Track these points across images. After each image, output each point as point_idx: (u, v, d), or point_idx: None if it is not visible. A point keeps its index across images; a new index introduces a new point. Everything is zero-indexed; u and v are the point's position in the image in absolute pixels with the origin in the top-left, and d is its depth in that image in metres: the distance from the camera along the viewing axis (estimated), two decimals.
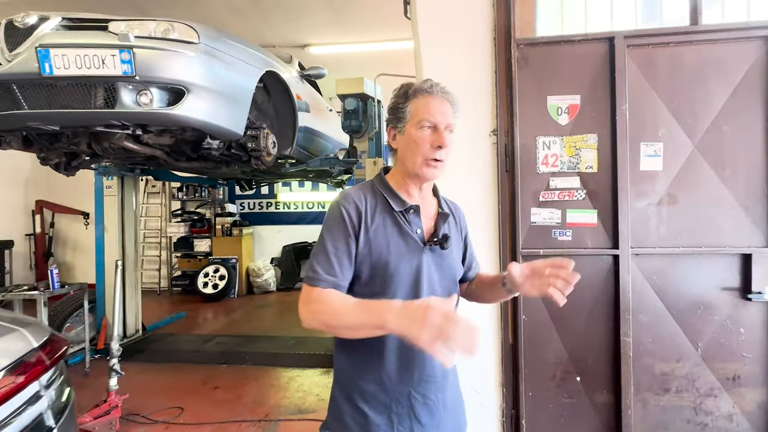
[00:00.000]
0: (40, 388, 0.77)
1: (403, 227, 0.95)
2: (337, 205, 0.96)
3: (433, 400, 0.94)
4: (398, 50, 4.68)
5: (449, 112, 0.96)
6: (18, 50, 1.65)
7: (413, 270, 0.93)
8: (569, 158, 1.95)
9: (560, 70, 1.95)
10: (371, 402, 0.92)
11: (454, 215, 1.09)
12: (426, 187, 1.02)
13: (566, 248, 1.94)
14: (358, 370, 0.94)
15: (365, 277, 0.93)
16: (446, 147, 0.93)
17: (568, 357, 1.96)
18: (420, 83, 0.97)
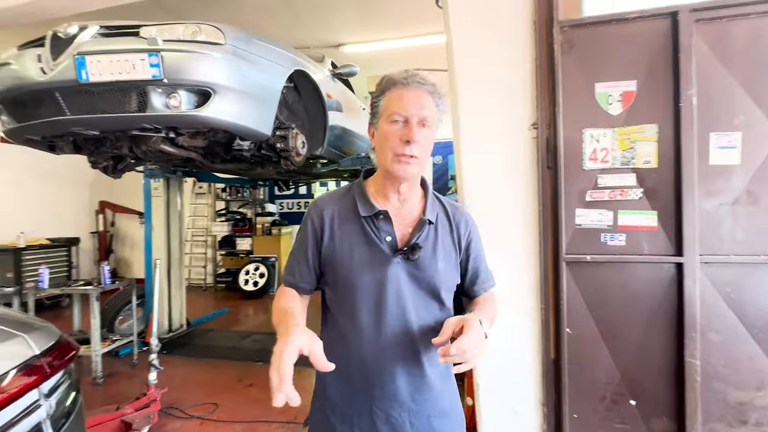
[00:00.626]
0: (39, 396, 0.75)
1: (370, 234, 0.89)
2: (307, 212, 0.96)
3: (397, 419, 0.88)
4: (432, 44, 4.53)
5: (427, 104, 0.87)
6: (60, 59, 1.74)
7: (377, 281, 0.87)
8: (622, 152, 1.72)
9: (611, 53, 1.73)
10: (336, 413, 0.91)
11: (451, 220, 0.97)
12: (406, 189, 0.92)
13: (618, 254, 1.71)
14: (328, 380, 0.92)
15: (332, 285, 0.91)
16: (416, 142, 0.84)
17: (620, 377, 1.74)
18: (396, 74, 0.90)
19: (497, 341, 1.89)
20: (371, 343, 0.88)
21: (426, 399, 0.91)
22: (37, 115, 1.88)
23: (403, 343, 0.88)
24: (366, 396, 0.88)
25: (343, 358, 0.86)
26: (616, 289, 1.72)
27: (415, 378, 0.89)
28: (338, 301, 0.91)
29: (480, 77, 1.86)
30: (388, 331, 0.87)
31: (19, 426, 0.69)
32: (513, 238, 1.85)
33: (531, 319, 1.84)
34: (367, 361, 0.88)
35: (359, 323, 0.88)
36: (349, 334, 0.89)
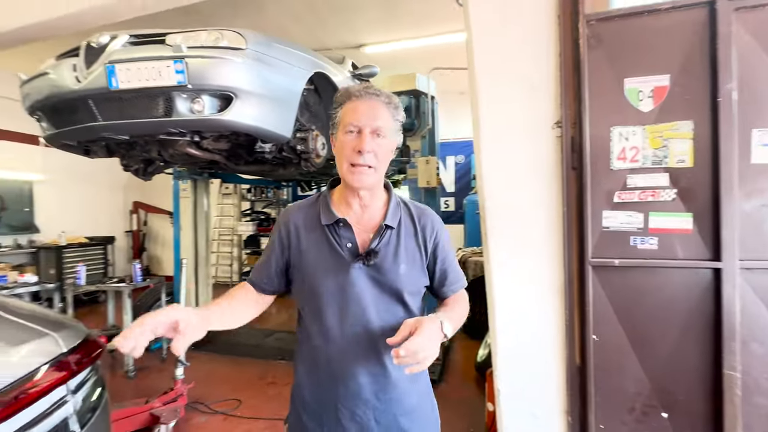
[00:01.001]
0: (66, 392, 0.79)
1: (332, 241, 0.93)
2: (277, 220, 1.03)
3: (361, 416, 0.92)
4: (453, 43, 4.46)
5: (381, 114, 0.90)
6: (92, 68, 1.82)
7: (339, 286, 0.91)
8: (654, 151, 1.63)
9: (642, 46, 1.64)
10: (308, 411, 0.96)
11: (416, 224, 0.99)
12: (367, 196, 0.95)
13: (649, 259, 1.63)
14: (301, 380, 0.98)
15: (300, 290, 0.96)
16: (367, 152, 0.87)
17: (650, 387, 1.65)
18: (352, 87, 0.94)
19: (519, 346, 1.84)
20: (335, 344, 0.92)
21: (391, 398, 0.94)
22: (72, 122, 1.99)
23: (365, 345, 0.92)
24: (332, 395, 0.93)
25: (312, 358, 0.95)
26: (647, 295, 1.64)
27: (378, 377, 0.93)
28: (306, 306, 0.95)
29: (501, 74, 1.82)
30: (350, 333, 0.91)
31: (47, 420, 0.73)
32: (535, 240, 1.79)
33: (554, 324, 1.78)
34: (332, 362, 0.92)
35: (324, 326, 0.92)
36: (315, 336, 0.94)
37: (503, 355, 1.84)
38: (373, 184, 0.94)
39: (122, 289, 3.37)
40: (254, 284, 1.00)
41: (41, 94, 1.97)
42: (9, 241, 5.77)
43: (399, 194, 1.05)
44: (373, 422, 0.92)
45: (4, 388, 0.65)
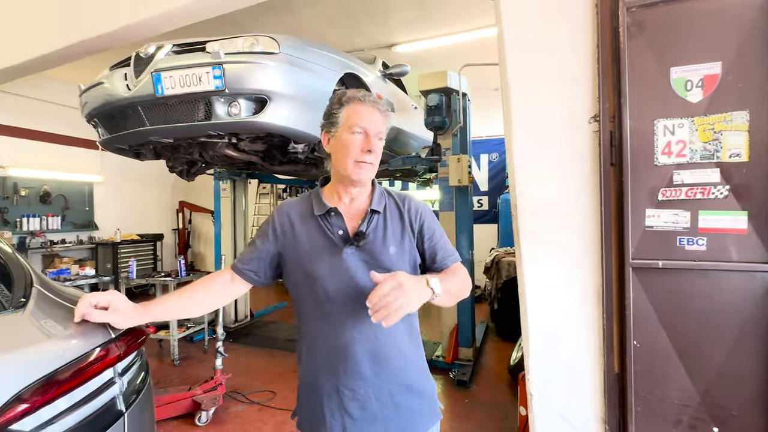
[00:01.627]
0: (114, 375, 0.86)
1: (324, 229, 1.00)
2: (271, 213, 1.09)
3: (362, 395, 0.96)
4: (486, 38, 4.37)
5: (379, 120, 0.99)
6: (141, 77, 1.96)
7: (334, 269, 0.96)
8: (703, 145, 1.52)
9: (690, 32, 1.53)
10: (311, 395, 1.00)
11: (401, 208, 1.06)
12: (357, 191, 1.03)
13: (698, 260, 1.51)
14: (302, 367, 1.03)
15: (295, 277, 1.01)
16: (375, 152, 0.98)
17: (700, 400, 1.53)
18: (353, 92, 1.02)
19: (552, 349, 1.77)
20: (333, 327, 0.96)
21: (388, 375, 0.98)
22: (124, 127, 2.15)
23: (361, 325, 0.96)
24: (332, 377, 0.97)
25: (311, 344, 1.00)
26: (696, 299, 1.52)
27: (376, 356, 0.97)
28: (303, 292, 1.00)
29: (533, 67, 1.76)
30: (347, 315, 0.96)
31: (97, 399, 0.80)
32: (570, 240, 1.72)
33: (590, 328, 1.70)
34: (331, 345, 0.96)
35: (321, 310, 0.98)
36: (314, 322, 0.99)
37: (536, 359, 1.79)
38: (370, 179, 1.03)
39: (168, 283, 3.61)
40: (240, 272, 1.04)
41: (97, 102, 2.16)
42: (72, 238, 6.33)
43: (384, 186, 1.13)
44: (373, 399, 0.96)
45: (62, 366, 0.73)
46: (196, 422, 2.49)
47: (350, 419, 0.95)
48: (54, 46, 3.46)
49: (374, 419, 0.96)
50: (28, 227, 5.69)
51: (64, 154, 6.40)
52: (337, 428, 0.95)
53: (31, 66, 3.80)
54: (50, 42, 3.47)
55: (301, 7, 3.96)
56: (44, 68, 3.91)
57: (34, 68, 3.87)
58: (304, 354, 1.03)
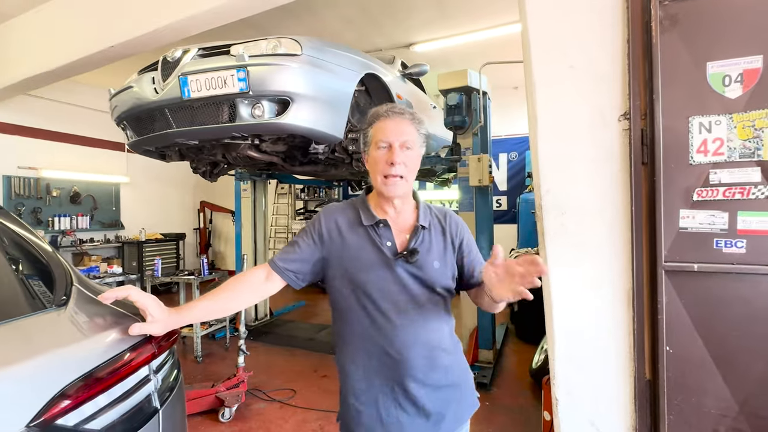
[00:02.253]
0: (149, 372, 0.88)
1: (374, 240, 1.03)
2: (317, 216, 1.10)
3: (415, 394, 1.00)
4: (506, 36, 4.30)
5: (406, 129, 1.01)
6: (168, 80, 2.01)
7: (384, 280, 1.00)
8: (743, 143, 1.45)
9: (728, 25, 1.46)
10: (361, 398, 1.02)
11: (443, 224, 1.11)
12: (400, 203, 1.06)
13: (737, 264, 1.44)
14: (351, 371, 1.04)
15: (342, 284, 1.03)
16: (399, 163, 0.98)
17: (738, 409, 1.46)
18: (380, 108, 1.06)
19: (579, 354, 1.73)
20: (385, 333, 1.01)
21: (437, 374, 1.04)
22: (152, 129, 2.21)
23: (414, 330, 1.02)
24: (387, 377, 1.01)
25: (364, 349, 1.02)
26: (734, 304, 1.46)
27: (427, 358, 1.03)
28: (349, 299, 1.03)
29: (559, 64, 1.71)
30: (399, 322, 1.01)
31: (133, 396, 0.82)
32: (599, 242, 1.67)
33: (619, 332, 1.64)
34: (385, 349, 1.01)
35: (371, 317, 1.01)
36: (362, 328, 1.02)
37: (562, 364, 1.74)
38: (405, 192, 1.05)
39: (192, 281, 3.70)
40: (281, 271, 1.04)
41: (126, 106, 2.22)
42: (99, 237, 6.56)
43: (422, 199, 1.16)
44: (424, 396, 1.01)
45: (102, 363, 0.75)
46: (219, 418, 2.54)
47: (405, 415, 1.00)
48: (85, 52, 3.60)
49: (427, 414, 1.02)
50: (60, 226, 5.93)
51: (92, 156, 6.64)
52: (393, 423, 1.00)
53: (64, 71, 3.96)
54: (81, 48, 3.61)
55: (321, 8, 3.99)
56: (75, 73, 4.07)
57: (67, 74, 4.04)
58: (351, 358, 1.04)
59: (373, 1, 3.92)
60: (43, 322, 0.75)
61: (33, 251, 0.96)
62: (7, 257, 0.90)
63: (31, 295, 0.86)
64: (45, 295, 0.86)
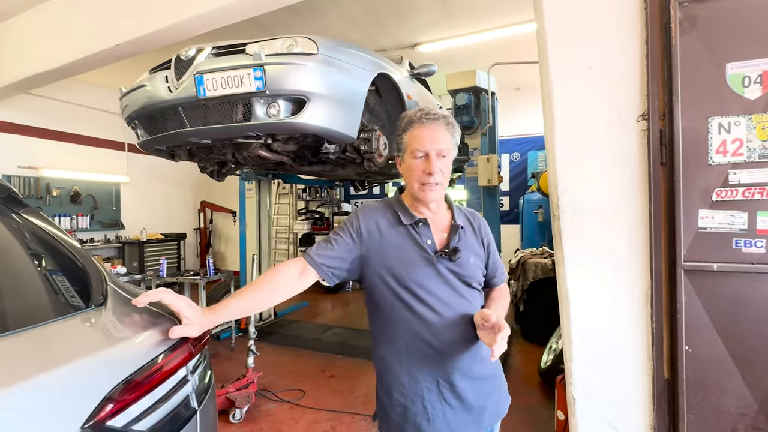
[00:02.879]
0: (186, 373, 0.87)
1: (415, 238, 1.06)
2: (354, 214, 1.11)
3: (459, 387, 1.03)
4: (511, 36, 4.31)
5: (441, 137, 1.04)
6: (182, 79, 2.00)
7: (429, 278, 1.03)
8: (762, 143, 1.46)
9: (747, 27, 1.47)
10: (406, 394, 1.04)
11: (473, 224, 1.17)
12: (434, 206, 1.11)
13: (756, 263, 1.46)
14: (394, 367, 1.06)
15: (386, 281, 1.04)
16: (435, 173, 1.02)
17: (758, 408, 1.47)
18: (412, 113, 1.07)
19: (597, 354, 1.73)
20: (430, 329, 1.03)
21: (478, 365, 1.07)
22: (165, 128, 2.19)
23: (458, 325, 1.04)
24: (432, 372, 1.03)
25: (408, 344, 1.03)
26: (754, 304, 1.47)
27: (470, 353, 1.05)
28: (391, 297, 1.04)
29: (577, 64, 1.72)
30: (444, 317, 1.03)
31: (174, 397, 0.81)
32: (617, 241, 1.68)
33: (638, 331, 1.65)
34: (430, 344, 1.03)
35: (418, 312, 1.03)
36: (406, 325, 1.04)
37: (579, 363, 1.75)
38: (440, 197, 1.10)
39: (198, 281, 3.67)
40: (318, 267, 1.03)
41: (138, 105, 2.20)
42: (100, 236, 6.51)
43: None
44: (468, 390, 1.04)
45: (146, 364, 0.74)
46: (230, 419, 2.52)
47: (450, 409, 1.02)
48: (89, 51, 3.57)
49: (470, 407, 1.04)
50: (60, 226, 5.87)
51: (93, 156, 6.58)
52: (439, 418, 1.02)
53: (67, 70, 3.93)
54: (85, 47, 3.57)
55: (326, 8, 3.98)
56: (79, 72, 4.03)
57: (69, 72, 4.00)
58: (395, 355, 1.05)
59: (378, 2, 3.92)
60: (85, 322, 0.75)
61: (67, 251, 0.94)
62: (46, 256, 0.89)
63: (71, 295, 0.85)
64: (84, 295, 0.85)
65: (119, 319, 0.82)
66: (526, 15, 3.89)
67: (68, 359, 0.64)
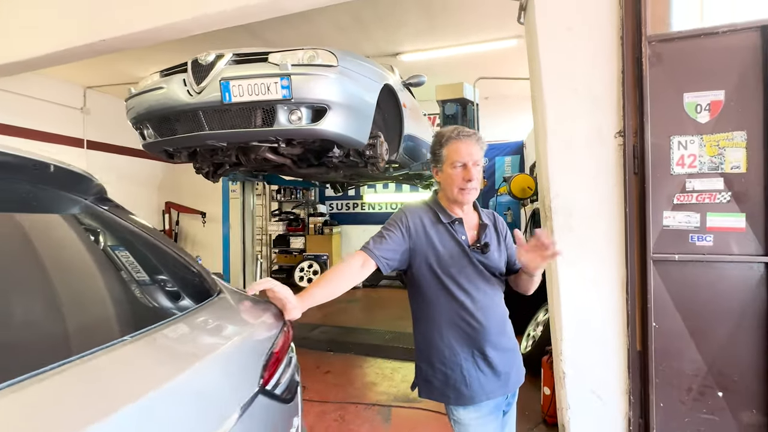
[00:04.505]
0: (291, 351, 1.00)
1: (452, 234, 1.27)
2: (401, 212, 1.32)
3: (491, 356, 1.23)
4: (489, 51, 4.67)
5: (475, 149, 1.25)
6: (203, 83, 2.06)
7: (464, 267, 1.25)
8: (710, 158, 1.83)
9: (700, 65, 1.84)
10: (447, 363, 1.23)
11: (494, 223, 1.38)
12: (467, 207, 1.32)
13: (706, 254, 1.82)
14: (436, 342, 1.25)
15: (431, 270, 1.25)
16: (473, 179, 1.24)
17: (707, 370, 1.84)
18: (449, 131, 1.28)
19: (583, 334, 2.04)
20: (469, 306, 1.24)
21: (505, 339, 1.29)
22: (178, 131, 2.22)
23: (489, 306, 1.27)
24: (468, 345, 1.24)
25: (444, 323, 1.24)
26: (704, 286, 1.83)
27: (499, 327, 1.28)
28: (434, 283, 1.25)
29: (566, 90, 2.02)
30: (478, 300, 1.25)
31: (289, 371, 0.94)
32: (598, 237, 1.99)
33: (615, 313, 1.98)
34: (467, 321, 1.24)
35: (456, 295, 1.24)
36: (447, 306, 1.25)
37: (568, 344, 2.04)
38: (474, 198, 1.31)
39: None
40: (378, 259, 1.22)
41: (152, 106, 2.21)
42: None
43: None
44: (497, 359, 1.25)
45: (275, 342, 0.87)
46: None
47: (483, 375, 1.23)
48: (69, 44, 3.40)
49: (499, 374, 1.25)
50: None
51: (48, 153, 6.06)
52: (476, 385, 1.22)
53: (38, 62, 3.70)
54: (65, 40, 3.40)
55: (316, 14, 4.08)
56: (51, 65, 3.81)
57: (40, 65, 3.77)
58: (437, 331, 1.26)
59: (367, 11, 4.09)
60: (221, 309, 0.86)
61: (170, 248, 1.03)
62: (170, 251, 0.98)
63: (197, 287, 0.94)
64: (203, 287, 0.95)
65: (241, 306, 0.94)
66: (505, 32, 4.25)
67: (231, 336, 0.76)
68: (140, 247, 0.94)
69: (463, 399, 1.22)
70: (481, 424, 1.23)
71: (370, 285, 7.15)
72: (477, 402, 1.22)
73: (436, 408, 2.67)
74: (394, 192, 7.24)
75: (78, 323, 0.66)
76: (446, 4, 3.93)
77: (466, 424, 1.23)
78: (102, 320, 0.69)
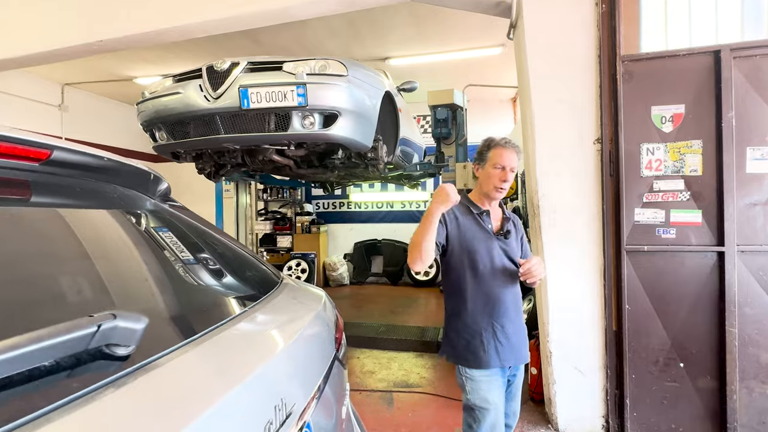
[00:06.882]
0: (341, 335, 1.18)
1: (481, 223, 1.53)
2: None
3: (508, 329, 1.48)
4: (474, 58, 4.94)
5: (514, 158, 1.51)
6: (220, 90, 2.18)
7: (489, 249, 1.50)
8: (673, 163, 2.13)
9: (665, 82, 2.13)
10: (469, 331, 1.48)
11: (512, 219, 1.62)
12: (494, 203, 1.59)
13: (670, 245, 2.12)
14: (462, 314, 1.50)
15: (460, 252, 1.49)
16: (508, 181, 1.50)
17: (671, 344, 2.15)
18: (498, 139, 1.54)
19: (568, 317, 2.31)
20: (488, 286, 1.48)
21: (518, 314, 1.54)
22: (191, 134, 2.33)
23: (507, 285, 1.50)
24: (489, 316, 1.47)
25: (470, 299, 1.48)
26: (668, 273, 2.13)
27: (514, 304, 1.52)
28: (464, 264, 1.48)
29: (552, 102, 2.28)
30: (498, 276, 1.49)
31: (343, 338, 1.11)
32: (580, 232, 2.27)
33: (594, 298, 2.26)
34: (488, 297, 1.48)
35: (480, 273, 1.48)
36: (473, 284, 1.48)
37: (554, 326, 2.31)
38: (502, 197, 1.56)
39: None
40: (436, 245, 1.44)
41: (169, 110, 2.30)
42: None
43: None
44: (511, 330, 1.49)
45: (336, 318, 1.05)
46: None
47: (500, 345, 1.47)
48: (66, 43, 3.39)
49: (512, 344, 1.49)
50: None
51: None
52: (492, 351, 1.45)
53: (29, 60, 3.65)
54: (63, 38, 3.39)
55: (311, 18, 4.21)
56: (39, 63, 3.77)
57: (30, 62, 3.72)
58: (463, 305, 1.49)
59: (360, 16, 4.25)
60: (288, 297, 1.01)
61: (235, 244, 1.18)
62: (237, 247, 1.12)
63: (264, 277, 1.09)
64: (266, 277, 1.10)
65: (301, 289, 1.10)
66: (490, 41, 4.52)
67: (309, 313, 0.92)
68: (212, 243, 1.08)
69: (479, 362, 1.45)
70: (489, 381, 1.46)
71: (357, 282, 7.32)
72: (492, 366, 1.45)
73: (433, 391, 2.89)
74: (380, 191, 7.44)
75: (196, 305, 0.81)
76: (435, 13, 4.15)
77: (477, 380, 1.46)
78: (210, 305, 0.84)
